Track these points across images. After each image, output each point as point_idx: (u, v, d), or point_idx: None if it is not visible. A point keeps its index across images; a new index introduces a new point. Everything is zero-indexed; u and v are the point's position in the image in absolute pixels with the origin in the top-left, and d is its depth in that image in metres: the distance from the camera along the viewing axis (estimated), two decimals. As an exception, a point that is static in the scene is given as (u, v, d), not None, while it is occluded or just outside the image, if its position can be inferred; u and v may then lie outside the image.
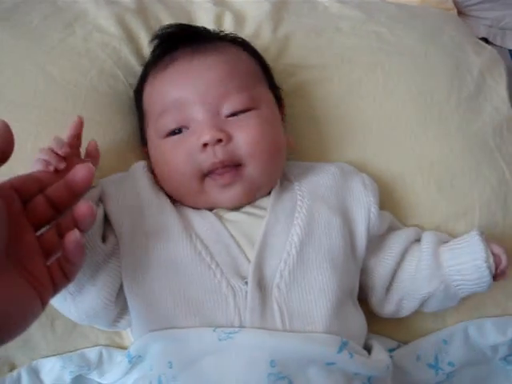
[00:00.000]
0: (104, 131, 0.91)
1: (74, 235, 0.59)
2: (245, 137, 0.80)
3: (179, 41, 0.87)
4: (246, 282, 0.73)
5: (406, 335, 0.92)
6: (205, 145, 0.79)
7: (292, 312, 0.72)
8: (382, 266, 0.86)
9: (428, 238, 0.86)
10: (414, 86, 1.01)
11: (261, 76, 0.90)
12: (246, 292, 0.72)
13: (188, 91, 0.82)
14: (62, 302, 0.77)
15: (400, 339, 0.91)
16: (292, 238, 0.78)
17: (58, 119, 0.89)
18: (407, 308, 0.87)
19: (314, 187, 0.86)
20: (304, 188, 0.86)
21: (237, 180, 0.80)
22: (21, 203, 0.60)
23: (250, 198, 0.83)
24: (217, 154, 0.78)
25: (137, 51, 0.99)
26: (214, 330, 0.70)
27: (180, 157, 0.81)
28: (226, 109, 0.81)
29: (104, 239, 0.79)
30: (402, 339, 0.92)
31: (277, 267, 0.75)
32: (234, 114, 0.81)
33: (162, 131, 0.84)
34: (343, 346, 0.71)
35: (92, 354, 0.86)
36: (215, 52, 0.85)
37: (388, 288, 0.87)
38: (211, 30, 0.94)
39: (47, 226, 0.63)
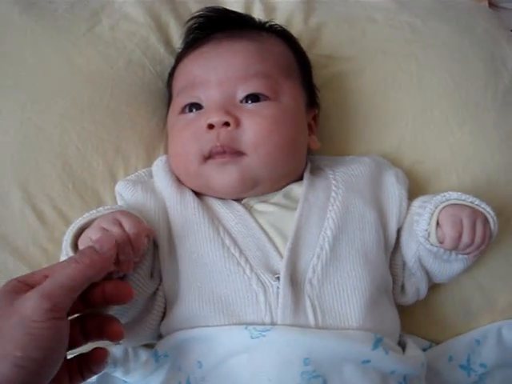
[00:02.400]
0: (132, 123, 0.89)
1: (105, 353, 0.62)
2: (253, 125, 0.77)
3: (217, 25, 0.86)
4: (277, 278, 0.71)
5: (438, 335, 0.90)
6: (211, 126, 0.77)
7: (325, 308, 0.70)
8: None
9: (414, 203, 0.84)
10: (449, 78, 0.98)
11: (294, 71, 0.87)
12: (278, 288, 0.70)
13: (207, 71, 0.80)
14: None
15: (432, 339, 0.90)
16: (325, 231, 0.76)
17: (84, 111, 0.87)
18: (420, 283, 0.84)
19: (349, 177, 0.84)
20: (339, 177, 0.84)
21: (235, 162, 0.77)
22: None
23: (245, 188, 0.80)
24: (220, 137, 0.76)
25: (165, 40, 0.96)
26: (245, 328, 0.68)
27: (187, 135, 0.79)
28: (242, 91, 0.79)
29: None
30: (434, 339, 0.90)
31: (309, 262, 0.73)
32: (250, 100, 0.79)
33: (178, 107, 0.83)
34: (378, 342, 0.69)
35: (117, 351, 0.83)
36: (248, 39, 0.83)
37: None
38: (257, 19, 0.92)
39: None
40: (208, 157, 0.78)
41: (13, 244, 0.81)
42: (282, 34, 0.90)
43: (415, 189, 0.88)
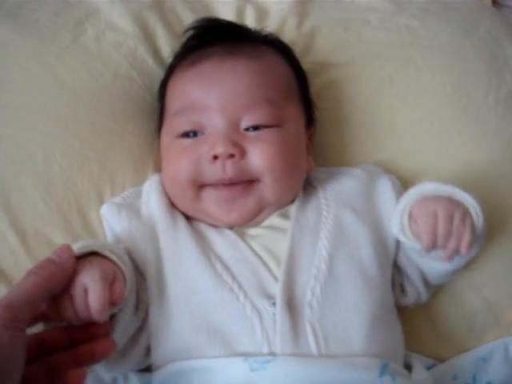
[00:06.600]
0: (119, 139, 0.86)
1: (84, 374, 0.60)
2: (260, 153, 0.75)
3: (216, 36, 0.82)
4: (274, 303, 0.69)
5: (442, 352, 0.87)
6: (215, 157, 0.74)
7: (327, 333, 0.68)
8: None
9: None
10: (448, 83, 0.95)
11: (295, 90, 0.84)
12: (274, 314, 0.68)
13: (210, 95, 0.77)
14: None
15: (436, 357, 0.87)
16: (320, 251, 0.74)
17: (69, 128, 0.84)
18: (417, 283, 0.81)
19: (340, 193, 0.82)
20: (329, 195, 0.81)
21: (247, 193, 0.75)
22: None
23: (249, 217, 0.77)
24: (226, 170, 0.74)
25: (154, 50, 0.93)
26: (245, 360, 0.65)
27: (185, 162, 0.76)
28: (247, 121, 0.76)
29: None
30: (439, 357, 0.87)
31: (307, 284, 0.71)
32: (254, 128, 0.76)
33: (176, 131, 0.79)
34: (384, 368, 0.67)
35: (107, 376, 0.80)
36: (251, 57, 0.80)
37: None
38: (253, 29, 0.89)
39: None
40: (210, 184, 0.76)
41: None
42: (280, 47, 0.87)
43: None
